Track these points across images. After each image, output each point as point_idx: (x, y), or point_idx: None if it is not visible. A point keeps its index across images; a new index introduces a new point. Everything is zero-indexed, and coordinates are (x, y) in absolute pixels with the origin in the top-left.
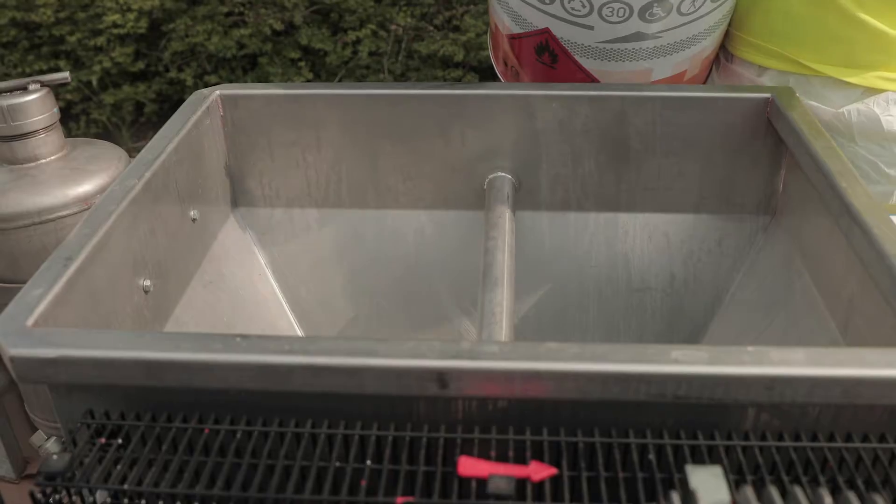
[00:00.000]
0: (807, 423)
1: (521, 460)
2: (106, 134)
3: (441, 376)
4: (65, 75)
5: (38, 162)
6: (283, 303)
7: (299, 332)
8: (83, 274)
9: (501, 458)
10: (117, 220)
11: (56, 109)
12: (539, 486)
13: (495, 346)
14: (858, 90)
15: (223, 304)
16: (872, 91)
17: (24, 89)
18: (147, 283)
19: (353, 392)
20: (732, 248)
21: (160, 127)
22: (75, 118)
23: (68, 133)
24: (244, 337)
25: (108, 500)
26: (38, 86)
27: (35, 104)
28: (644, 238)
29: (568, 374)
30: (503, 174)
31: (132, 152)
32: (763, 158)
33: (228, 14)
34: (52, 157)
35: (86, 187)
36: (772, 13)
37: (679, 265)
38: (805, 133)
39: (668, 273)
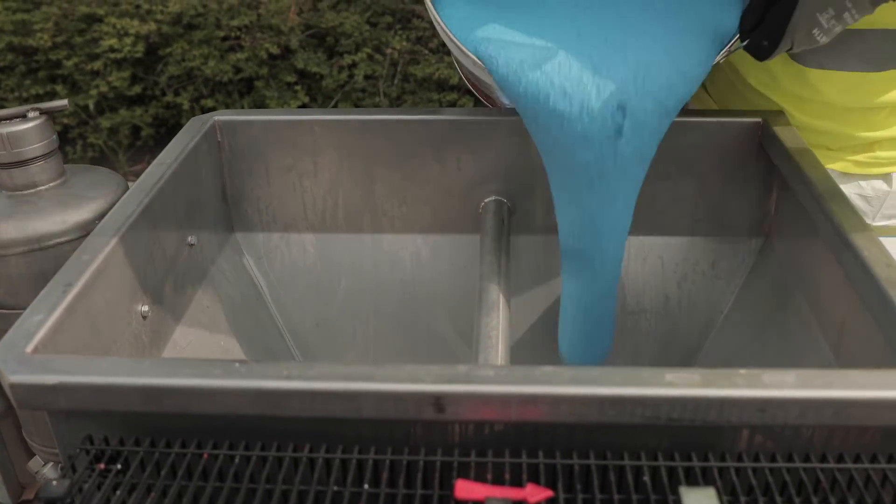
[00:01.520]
0: (799, 444)
1: (517, 483)
2: (102, 157)
3: (438, 400)
4: (63, 103)
5: (38, 188)
6: (281, 327)
7: (297, 356)
8: (82, 300)
9: (498, 481)
10: (116, 246)
11: (55, 137)
12: None
13: (491, 370)
14: None
15: (221, 328)
16: None
17: (23, 117)
18: (145, 308)
19: (350, 416)
20: (726, 271)
21: (157, 151)
22: (72, 142)
23: (65, 157)
24: (243, 362)
25: None
26: (37, 113)
27: (34, 131)
28: (638, 261)
29: (563, 398)
30: (498, 198)
31: (129, 176)
32: (755, 182)
33: (225, 38)
34: (52, 184)
35: (85, 214)
36: (722, 85)
37: (673, 287)
38: (796, 157)
39: (663, 295)
